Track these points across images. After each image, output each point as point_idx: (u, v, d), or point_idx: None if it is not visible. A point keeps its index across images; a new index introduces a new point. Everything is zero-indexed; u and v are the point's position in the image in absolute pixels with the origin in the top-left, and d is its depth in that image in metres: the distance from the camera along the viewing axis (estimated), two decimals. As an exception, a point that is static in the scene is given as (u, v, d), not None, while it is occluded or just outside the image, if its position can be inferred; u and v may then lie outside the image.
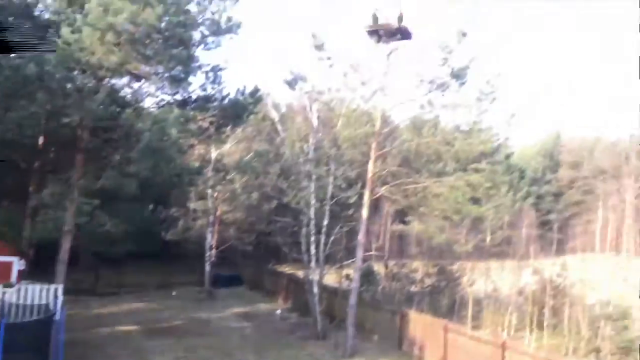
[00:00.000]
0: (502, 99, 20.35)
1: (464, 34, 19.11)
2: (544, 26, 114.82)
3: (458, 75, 19.88)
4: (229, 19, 16.95)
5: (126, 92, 17.78)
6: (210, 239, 30.80)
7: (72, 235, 18.02)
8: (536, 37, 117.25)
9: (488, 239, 52.01)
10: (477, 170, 27.67)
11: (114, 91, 17.01)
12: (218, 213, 31.14)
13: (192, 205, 30.65)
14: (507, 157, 61.74)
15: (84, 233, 20.22)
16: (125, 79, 17.17)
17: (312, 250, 26.56)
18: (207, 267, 30.62)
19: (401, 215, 50.25)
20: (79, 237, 20.27)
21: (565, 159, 65.41)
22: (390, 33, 19.60)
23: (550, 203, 63.65)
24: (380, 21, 19.56)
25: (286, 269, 35.67)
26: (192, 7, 16.79)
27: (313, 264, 25.16)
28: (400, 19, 19.44)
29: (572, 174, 63.30)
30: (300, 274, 29.04)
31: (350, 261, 26.07)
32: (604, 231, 50.38)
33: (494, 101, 20.07)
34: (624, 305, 29.44)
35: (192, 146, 20.02)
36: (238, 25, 17.21)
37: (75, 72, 15.62)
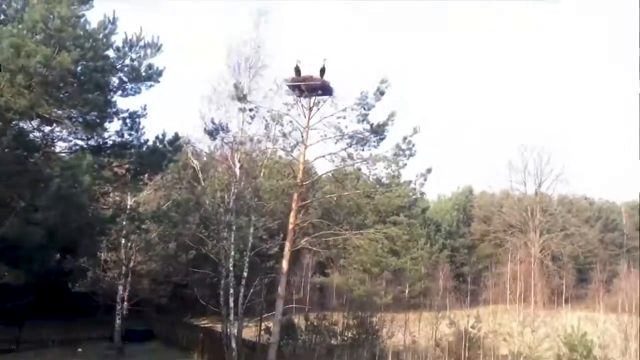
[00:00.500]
0: (418, 153, 21.23)
1: (382, 92, 19.96)
2: (459, 83, 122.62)
3: (377, 131, 20.62)
4: (150, 66, 16.72)
5: (35, 136, 16.88)
6: (122, 291, 29.25)
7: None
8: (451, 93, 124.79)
9: (407, 290, 52.93)
10: (395, 223, 28.37)
11: (21, 134, 16.09)
12: (131, 264, 29.76)
13: (103, 255, 29.12)
14: (424, 210, 64.01)
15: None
16: (35, 122, 16.35)
17: (231, 302, 25.81)
18: (118, 322, 28.87)
19: (322, 267, 50.36)
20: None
21: (477, 213, 68.70)
22: (312, 88, 20.14)
23: (464, 256, 66.15)
24: (303, 74, 20.07)
25: (203, 322, 34.31)
26: (111, 53, 16.44)
27: (232, 317, 24.40)
28: (322, 72, 20.06)
29: (484, 228, 66.46)
30: (218, 327, 28.01)
31: (270, 314, 25.56)
32: (514, 283, 52.70)
33: (410, 157, 20.87)
34: (533, 357, 30.57)
35: (105, 193, 19.15)
36: (159, 73, 16.98)
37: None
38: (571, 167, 66.06)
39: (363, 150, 21.34)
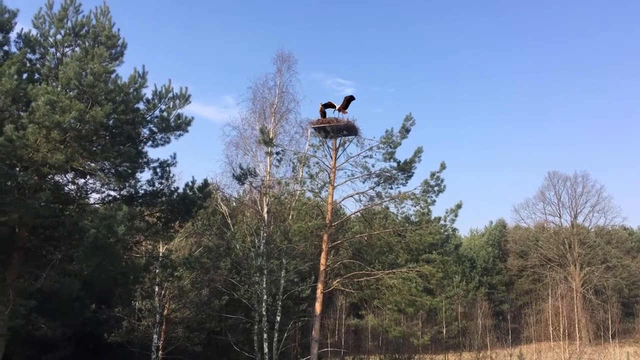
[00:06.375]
0: (448, 189, 21.03)
1: (408, 130, 20.03)
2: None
3: (404, 168, 20.59)
4: (179, 116, 17.20)
5: (70, 189, 17.38)
6: (157, 340, 29.21)
7: (5, 339, 16.68)
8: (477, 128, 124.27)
9: (444, 330, 51.51)
10: (428, 261, 27.90)
11: (57, 188, 16.59)
12: (165, 312, 29.82)
13: (137, 304, 29.29)
14: (457, 247, 62.73)
15: (18, 337, 18.80)
16: (69, 175, 16.87)
17: (265, 348, 25.58)
18: (153, 371, 28.75)
19: (356, 309, 49.55)
20: (13, 341, 18.81)
21: (512, 247, 66.94)
22: (338, 129, 20.35)
23: (502, 293, 64.18)
24: (328, 115, 20.37)
25: (238, 369, 33.90)
26: (142, 105, 17.00)
27: (266, 363, 24.07)
28: (346, 114, 20.30)
29: (521, 263, 64.56)
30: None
31: (305, 358, 25.13)
32: (556, 319, 50.73)
33: (439, 193, 20.70)
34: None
35: (138, 242, 19.41)
36: (188, 123, 17.44)
37: (17, 169, 15.22)
38: (606, 196, 63.82)
39: (391, 188, 21.32)
